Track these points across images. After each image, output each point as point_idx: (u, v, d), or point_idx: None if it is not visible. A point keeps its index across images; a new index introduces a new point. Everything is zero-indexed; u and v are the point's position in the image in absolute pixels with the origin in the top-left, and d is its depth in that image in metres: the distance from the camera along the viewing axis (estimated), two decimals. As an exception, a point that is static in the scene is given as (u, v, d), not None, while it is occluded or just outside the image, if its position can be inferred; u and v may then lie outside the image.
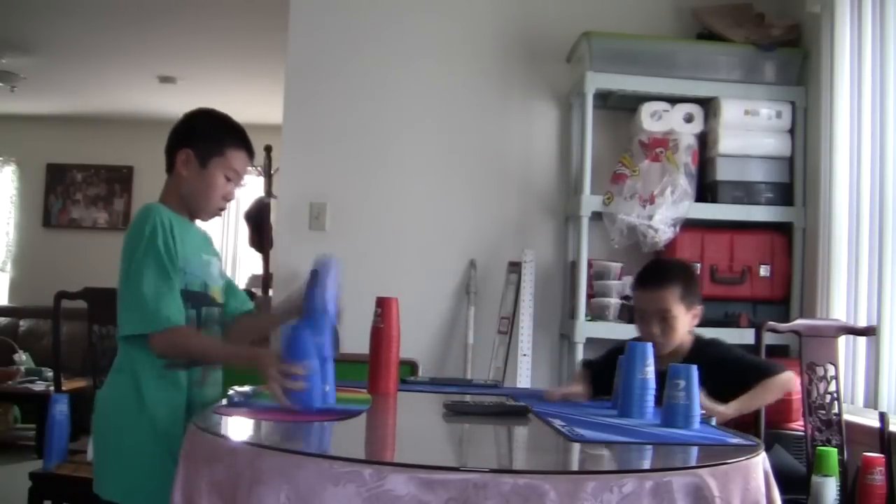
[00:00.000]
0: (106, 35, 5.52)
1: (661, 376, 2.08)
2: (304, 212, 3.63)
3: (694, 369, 1.85)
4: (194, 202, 2.08)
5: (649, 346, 1.95)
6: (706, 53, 3.45)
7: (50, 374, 5.30)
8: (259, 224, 5.22)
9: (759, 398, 2.20)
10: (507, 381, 3.36)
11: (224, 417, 1.66)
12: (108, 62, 6.11)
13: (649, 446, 1.64)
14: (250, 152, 2.13)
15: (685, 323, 2.31)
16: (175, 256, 1.94)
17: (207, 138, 2.08)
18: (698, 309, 2.34)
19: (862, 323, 2.96)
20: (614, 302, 3.35)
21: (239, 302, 2.24)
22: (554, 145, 3.70)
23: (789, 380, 2.25)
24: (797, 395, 2.78)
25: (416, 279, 3.59)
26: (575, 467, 1.54)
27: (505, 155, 3.70)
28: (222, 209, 2.15)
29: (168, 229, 1.95)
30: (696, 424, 1.78)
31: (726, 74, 3.44)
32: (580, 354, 3.29)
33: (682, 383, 1.79)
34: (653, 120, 3.39)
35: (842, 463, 2.62)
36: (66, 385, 3.31)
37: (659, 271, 2.40)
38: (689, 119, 3.41)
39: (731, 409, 2.07)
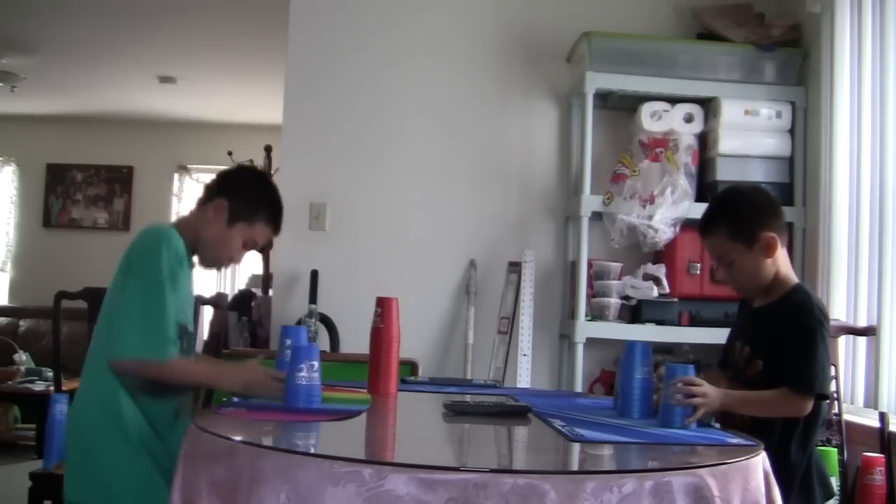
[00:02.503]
0: (106, 35, 5.53)
1: (755, 313, 2.08)
2: (304, 212, 3.63)
3: (691, 369, 1.85)
4: (204, 249, 2.12)
5: (648, 346, 1.94)
6: (706, 53, 3.46)
7: (50, 374, 5.30)
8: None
9: (761, 407, 1.93)
10: (507, 381, 3.36)
11: (224, 417, 1.66)
12: (108, 62, 6.11)
13: (649, 446, 1.64)
14: (278, 230, 2.19)
15: (752, 260, 2.04)
16: (178, 290, 1.99)
17: (245, 201, 2.11)
18: (767, 237, 2.03)
19: (862, 323, 2.96)
20: (614, 302, 3.35)
21: None
22: (554, 145, 3.70)
23: (800, 408, 1.92)
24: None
25: (416, 279, 3.59)
26: (575, 467, 1.54)
27: (505, 155, 3.70)
28: (223, 267, 2.21)
29: (179, 261, 1.99)
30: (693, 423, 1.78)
31: (726, 74, 3.44)
32: (580, 354, 3.29)
33: (680, 384, 1.79)
34: (653, 120, 3.39)
35: (842, 463, 2.62)
36: (66, 385, 3.30)
37: (706, 216, 2.14)
38: (689, 119, 3.41)
39: (724, 398, 1.84)
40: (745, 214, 2.07)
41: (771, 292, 2.09)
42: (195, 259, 2.16)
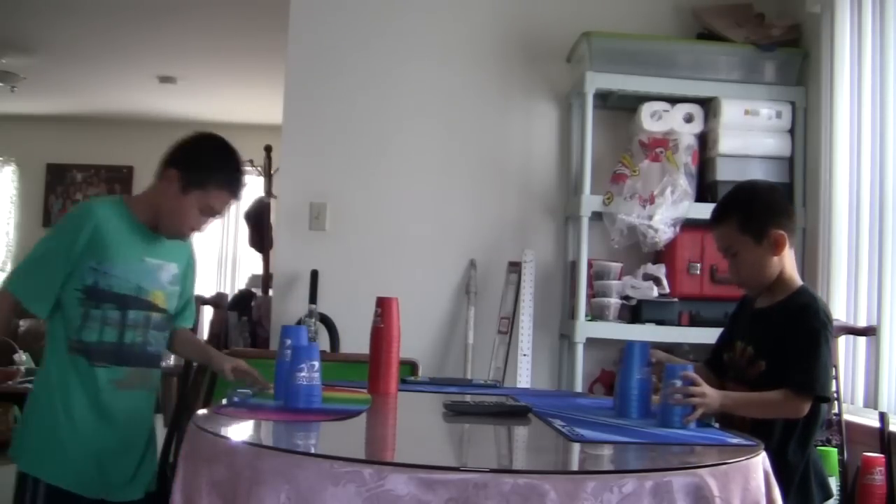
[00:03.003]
0: (106, 35, 5.53)
1: (758, 314, 2.07)
2: (304, 212, 3.63)
3: (689, 369, 1.85)
4: (163, 220, 2.12)
5: (647, 346, 1.94)
6: (706, 53, 3.45)
7: (50, 374, 5.29)
8: (259, 224, 5.22)
9: (760, 408, 1.93)
10: (507, 381, 3.36)
11: (224, 417, 1.66)
12: (108, 62, 6.12)
13: (649, 446, 1.64)
14: (235, 194, 2.14)
15: (759, 255, 2.04)
16: (106, 258, 2.01)
17: (197, 168, 2.10)
18: (776, 234, 2.03)
19: (862, 323, 2.96)
20: (614, 302, 3.35)
21: (186, 316, 2.29)
22: (554, 145, 3.70)
23: (798, 409, 1.92)
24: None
25: (416, 279, 3.59)
26: (575, 467, 1.54)
27: (505, 155, 3.70)
28: (186, 237, 2.18)
29: (93, 228, 2.01)
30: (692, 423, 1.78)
31: (726, 74, 3.44)
32: (580, 354, 3.29)
33: (679, 383, 1.79)
34: (653, 120, 3.39)
35: (842, 463, 2.62)
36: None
37: (718, 206, 2.14)
38: (689, 119, 3.41)
39: (723, 399, 1.85)
40: (758, 209, 2.07)
41: (775, 293, 2.08)
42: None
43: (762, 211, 2.07)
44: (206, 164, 2.12)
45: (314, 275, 3.51)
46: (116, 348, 2.05)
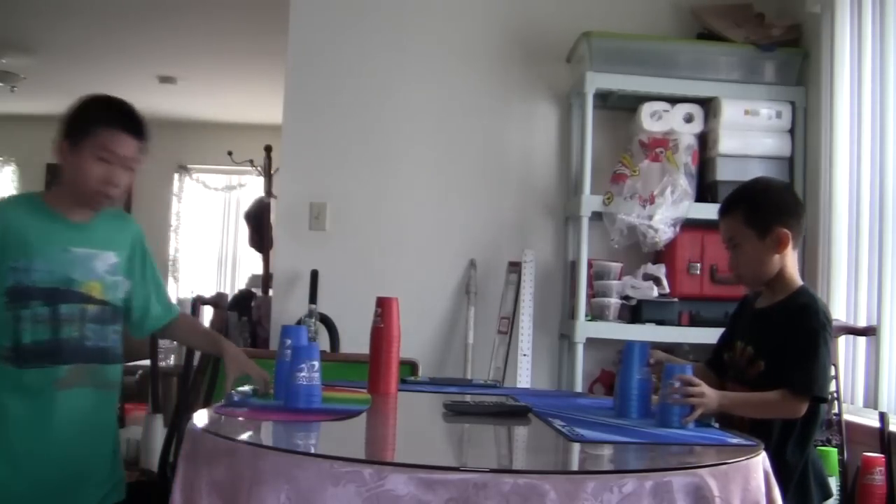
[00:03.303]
0: (106, 35, 5.53)
1: (758, 313, 2.08)
2: (304, 212, 3.63)
3: (688, 369, 1.85)
4: (72, 194, 2.01)
5: (647, 346, 1.94)
6: (706, 53, 3.46)
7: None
8: (259, 224, 5.23)
9: (758, 409, 1.94)
10: (507, 381, 3.36)
11: (224, 417, 1.66)
12: (108, 62, 6.12)
13: (649, 446, 1.64)
14: (129, 130, 1.99)
15: (760, 251, 2.05)
16: (22, 254, 1.92)
17: (76, 122, 2.00)
18: (780, 232, 2.03)
19: (862, 323, 2.96)
20: (614, 302, 3.35)
21: (163, 309, 2.19)
22: (554, 145, 3.70)
23: (795, 409, 1.92)
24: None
25: (416, 279, 3.59)
26: (575, 467, 1.54)
27: (505, 155, 3.70)
28: (107, 195, 2.00)
29: (3, 229, 1.93)
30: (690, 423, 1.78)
31: (726, 74, 3.44)
32: (580, 354, 3.30)
33: (678, 384, 1.79)
34: (653, 120, 3.39)
35: (842, 463, 2.62)
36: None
37: (728, 197, 2.15)
38: (689, 119, 3.42)
39: (722, 399, 1.85)
40: (765, 205, 2.09)
41: (775, 292, 2.09)
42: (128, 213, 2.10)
43: (770, 207, 2.08)
44: (85, 113, 2.02)
45: (314, 275, 3.51)
46: (52, 346, 1.95)
